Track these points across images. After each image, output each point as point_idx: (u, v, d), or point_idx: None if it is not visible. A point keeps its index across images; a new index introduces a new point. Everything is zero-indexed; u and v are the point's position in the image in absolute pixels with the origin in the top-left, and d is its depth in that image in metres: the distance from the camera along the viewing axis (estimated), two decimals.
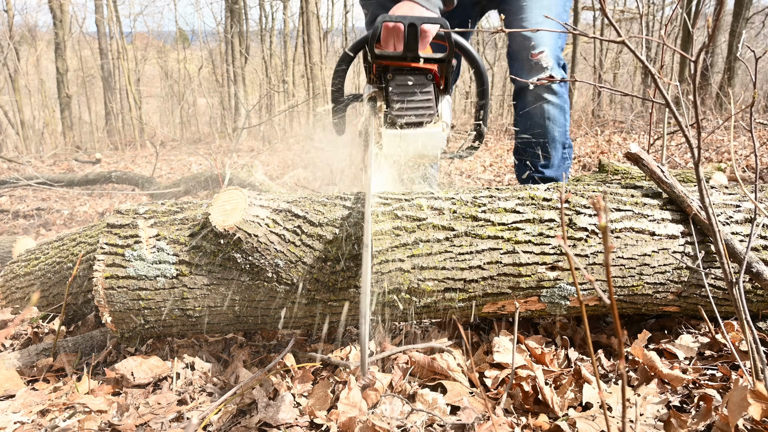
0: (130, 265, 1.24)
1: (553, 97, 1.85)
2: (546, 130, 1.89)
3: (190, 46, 22.40)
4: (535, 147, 1.91)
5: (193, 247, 1.23)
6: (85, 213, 4.27)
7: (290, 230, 1.21)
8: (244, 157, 7.79)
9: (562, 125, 1.90)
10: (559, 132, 1.90)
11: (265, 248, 1.19)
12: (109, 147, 13.35)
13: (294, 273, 1.21)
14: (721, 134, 5.40)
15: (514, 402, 1.11)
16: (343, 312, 1.25)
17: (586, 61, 15.53)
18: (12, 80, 14.48)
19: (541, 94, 1.85)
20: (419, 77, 1.38)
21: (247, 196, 1.20)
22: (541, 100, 1.86)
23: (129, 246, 1.25)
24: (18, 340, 1.67)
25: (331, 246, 1.21)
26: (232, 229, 1.16)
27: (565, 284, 1.22)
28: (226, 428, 1.09)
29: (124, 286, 1.24)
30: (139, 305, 1.26)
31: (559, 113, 1.88)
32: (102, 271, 1.24)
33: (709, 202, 1.03)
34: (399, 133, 1.38)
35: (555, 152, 1.93)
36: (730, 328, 1.27)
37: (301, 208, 1.24)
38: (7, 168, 7.31)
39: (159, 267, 1.24)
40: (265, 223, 1.19)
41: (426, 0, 1.42)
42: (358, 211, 1.24)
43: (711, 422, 0.96)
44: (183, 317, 1.28)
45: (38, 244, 1.90)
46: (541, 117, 1.87)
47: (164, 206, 1.33)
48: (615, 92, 1.04)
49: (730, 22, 9.42)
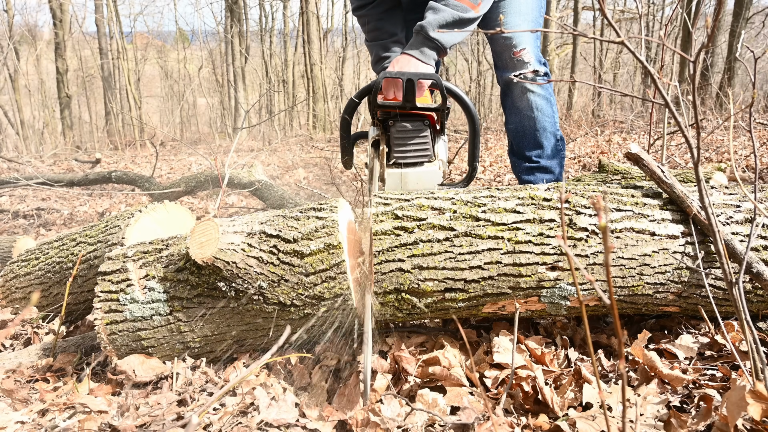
0: (126, 309, 1.28)
1: (538, 88, 1.95)
2: (536, 120, 1.98)
3: (190, 46, 22.41)
4: (528, 138, 2.01)
5: (180, 282, 1.27)
6: (85, 213, 4.27)
7: (266, 251, 1.22)
8: (244, 157, 7.79)
9: (550, 116, 1.99)
10: (548, 122, 1.99)
11: (245, 273, 1.21)
12: (109, 147, 13.35)
13: (279, 291, 1.22)
14: (720, 134, 5.40)
15: (514, 402, 1.11)
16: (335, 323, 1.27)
17: (586, 61, 15.53)
18: (12, 80, 14.48)
19: (526, 86, 1.96)
20: (417, 123, 1.57)
21: (219, 225, 1.23)
22: (527, 92, 1.96)
23: (122, 290, 1.30)
24: (18, 339, 1.67)
25: (310, 259, 1.22)
26: (209, 260, 1.18)
27: (566, 284, 1.22)
28: (227, 429, 1.09)
29: (124, 329, 1.29)
30: (142, 345, 1.30)
31: (545, 104, 1.98)
32: (102, 319, 1.29)
33: (708, 202, 1.03)
34: (400, 172, 1.58)
35: (547, 141, 2.01)
36: (730, 329, 1.27)
37: (274, 227, 1.25)
38: (7, 168, 7.31)
39: (153, 306, 1.28)
40: (241, 248, 1.21)
41: (421, 53, 1.61)
42: (332, 219, 1.25)
43: (711, 422, 0.96)
44: (185, 349, 1.31)
45: (38, 244, 1.90)
46: (529, 108, 1.97)
47: (151, 245, 1.37)
48: (615, 92, 1.04)
49: (730, 23, 9.43)
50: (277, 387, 1.21)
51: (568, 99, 13.51)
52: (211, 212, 3.62)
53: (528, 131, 2.01)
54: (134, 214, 1.63)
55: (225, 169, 3.55)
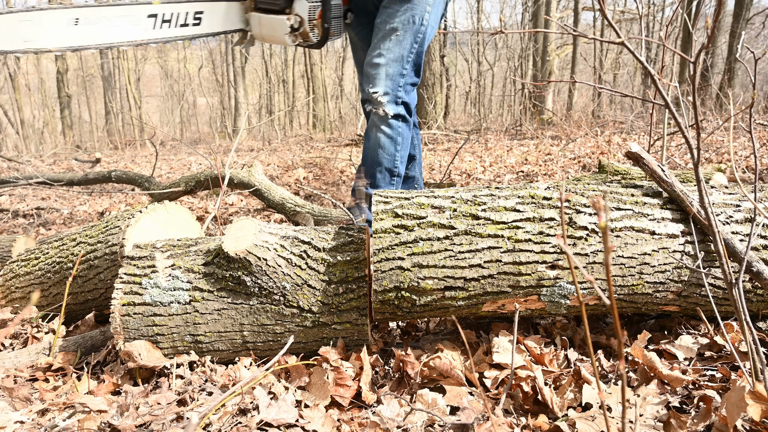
0: (147, 293, 1.32)
1: (387, 129, 2.05)
2: (376, 154, 2.09)
3: (190, 45, 22.40)
4: (367, 165, 2.13)
5: (206, 274, 1.32)
6: (85, 212, 4.27)
7: (297, 254, 1.30)
8: (244, 156, 7.79)
9: (391, 155, 2.09)
10: (386, 160, 2.09)
11: (273, 271, 1.27)
12: (108, 146, 13.35)
13: (300, 295, 1.28)
14: (720, 135, 5.40)
15: (513, 402, 1.11)
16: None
17: (586, 61, 15.54)
18: (12, 79, 14.48)
19: (377, 122, 2.06)
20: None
21: (257, 224, 1.30)
22: (374, 128, 2.07)
23: (146, 275, 1.34)
24: (17, 339, 1.67)
25: (335, 269, 1.29)
26: (243, 253, 1.26)
27: (565, 283, 1.22)
28: (226, 429, 1.09)
29: (139, 312, 1.31)
30: (153, 331, 1.31)
31: (390, 143, 2.07)
32: (120, 299, 1.32)
33: (708, 201, 1.03)
34: (256, 15, 1.86)
35: (381, 175, 2.12)
36: (730, 329, 1.27)
37: (307, 236, 1.35)
38: (7, 167, 7.31)
39: (173, 293, 1.31)
40: (274, 247, 1.28)
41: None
42: (359, 238, 1.33)
43: (710, 423, 0.96)
44: (194, 343, 1.33)
45: (38, 243, 1.89)
46: (375, 142, 2.08)
47: (179, 241, 1.43)
48: (615, 93, 1.04)
49: (730, 23, 9.43)
50: (277, 386, 1.21)
51: (568, 99, 13.52)
52: (211, 212, 3.62)
53: (368, 159, 2.11)
54: (135, 214, 1.63)
55: (225, 169, 3.55)
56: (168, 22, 1.80)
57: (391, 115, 2.02)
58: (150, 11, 1.76)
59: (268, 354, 1.34)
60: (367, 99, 2.05)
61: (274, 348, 1.32)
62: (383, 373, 1.28)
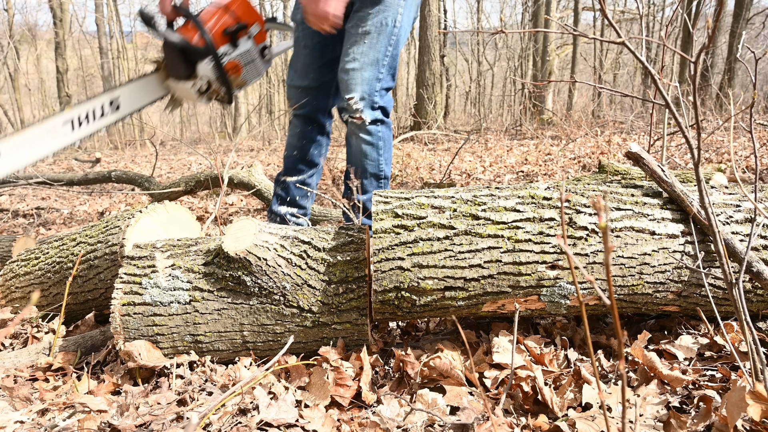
0: (147, 293, 1.32)
1: (367, 136, 2.05)
2: (361, 164, 2.11)
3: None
4: (355, 176, 2.14)
5: (206, 274, 1.32)
6: (85, 212, 4.27)
7: (297, 254, 1.30)
8: (244, 156, 7.79)
9: (375, 160, 2.11)
10: (371, 165, 2.11)
11: (273, 271, 1.27)
12: (108, 146, 13.35)
13: (300, 295, 1.28)
14: (721, 135, 5.40)
15: (513, 402, 1.11)
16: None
17: (586, 61, 15.54)
18: (12, 79, 14.48)
19: (355, 131, 2.05)
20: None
21: (257, 224, 1.30)
22: (353, 135, 2.07)
23: (146, 275, 1.34)
24: (17, 339, 1.67)
25: (335, 269, 1.29)
26: (243, 253, 1.26)
27: (565, 283, 1.22)
28: (226, 429, 1.09)
29: (139, 312, 1.31)
30: (153, 331, 1.31)
31: (371, 150, 2.08)
32: (120, 299, 1.32)
33: (708, 201, 1.03)
34: (174, 82, 1.95)
35: (369, 183, 2.14)
36: (730, 329, 1.27)
37: (307, 236, 1.35)
38: None
39: (173, 293, 1.31)
40: (274, 247, 1.29)
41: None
42: (359, 238, 1.33)
43: (710, 423, 0.96)
44: (194, 343, 1.32)
45: (38, 243, 1.89)
46: (358, 151, 2.09)
47: (179, 242, 1.44)
48: (615, 93, 1.04)
49: (730, 23, 9.44)
50: (277, 386, 1.21)
51: (569, 99, 13.52)
52: (211, 212, 3.62)
53: (355, 170, 2.12)
54: (135, 214, 1.63)
55: (225, 169, 3.55)
56: (87, 119, 1.80)
57: (369, 121, 2.00)
58: (64, 119, 1.75)
59: (268, 354, 1.34)
60: (343, 108, 2.02)
61: (274, 348, 1.32)
62: (383, 373, 1.28)
